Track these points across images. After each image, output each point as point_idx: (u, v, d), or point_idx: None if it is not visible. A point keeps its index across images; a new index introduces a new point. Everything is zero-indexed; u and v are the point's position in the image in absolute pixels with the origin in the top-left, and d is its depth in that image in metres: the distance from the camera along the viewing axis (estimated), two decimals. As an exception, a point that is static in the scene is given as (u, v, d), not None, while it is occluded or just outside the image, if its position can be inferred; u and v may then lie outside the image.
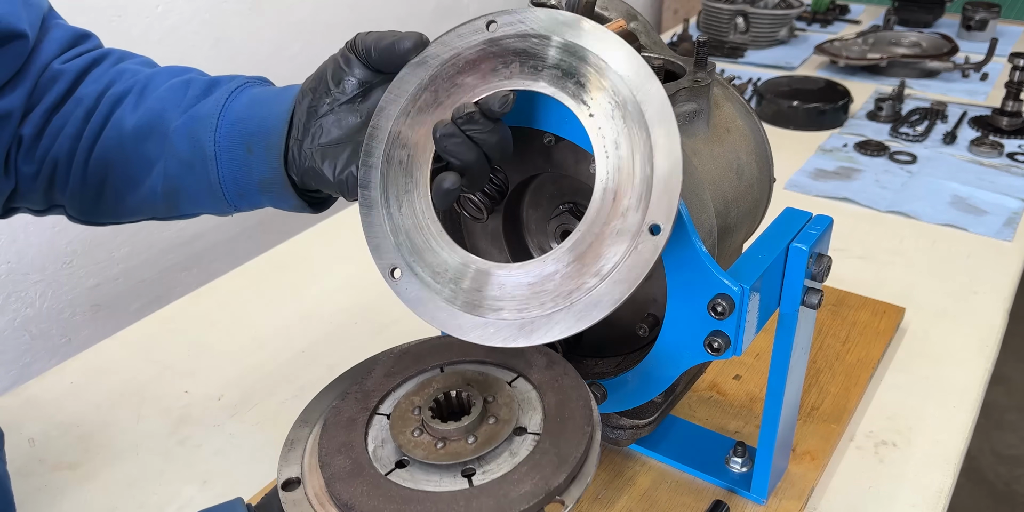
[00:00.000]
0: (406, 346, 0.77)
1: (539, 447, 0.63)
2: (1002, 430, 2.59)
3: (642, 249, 0.60)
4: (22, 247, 1.40)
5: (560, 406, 0.66)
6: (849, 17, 2.70)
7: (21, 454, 1.03)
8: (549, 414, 0.66)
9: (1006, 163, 1.73)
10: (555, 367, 0.70)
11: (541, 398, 0.67)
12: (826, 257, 0.77)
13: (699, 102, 0.82)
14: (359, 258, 0.81)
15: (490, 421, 0.65)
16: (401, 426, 0.66)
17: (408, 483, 0.62)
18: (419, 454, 0.63)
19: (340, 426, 0.68)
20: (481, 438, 0.63)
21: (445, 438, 0.64)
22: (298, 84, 0.79)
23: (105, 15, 1.36)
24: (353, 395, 0.71)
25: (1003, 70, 2.04)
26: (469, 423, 0.64)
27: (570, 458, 0.61)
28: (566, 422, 0.64)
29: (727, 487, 0.94)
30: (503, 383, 0.69)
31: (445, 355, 0.73)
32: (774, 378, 0.83)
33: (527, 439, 0.64)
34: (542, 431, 0.64)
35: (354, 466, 0.63)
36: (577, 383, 0.68)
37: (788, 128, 1.90)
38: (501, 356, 0.72)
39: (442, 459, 0.62)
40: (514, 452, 0.63)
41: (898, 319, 1.21)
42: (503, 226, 0.92)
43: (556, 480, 0.59)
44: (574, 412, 0.65)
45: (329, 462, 0.64)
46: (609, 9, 0.87)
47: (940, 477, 0.97)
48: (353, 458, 0.64)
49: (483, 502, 0.59)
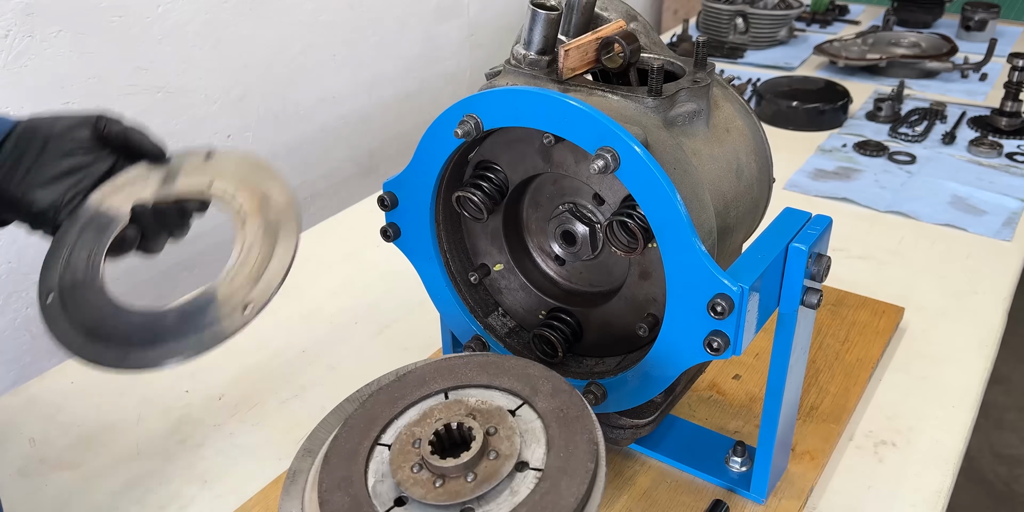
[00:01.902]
0: (411, 367, 0.76)
1: (539, 486, 0.61)
2: (1001, 430, 2.59)
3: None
4: (22, 247, 1.40)
5: (564, 440, 0.64)
6: (848, 17, 2.70)
7: (21, 454, 1.03)
8: (553, 447, 0.64)
9: (1005, 163, 1.73)
10: (560, 395, 0.68)
11: (545, 429, 0.66)
12: (825, 257, 0.77)
13: (699, 102, 0.82)
14: (359, 258, 0.81)
15: (491, 456, 0.63)
16: (400, 461, 0.65)
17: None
18: (418, 493, 0.62)
19: (341, 458, 0.67)
20: (481, 476, 0.62)
21: (444, 475, 0.63)
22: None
23: (105, 15, 1.36)
24: (356, 423, 0.70)
25: (1002, 70, 2.04)
26: (469, 460, 0.62)
27: (571, 499, 0.60)
28: (570, 458, 0.63)
29: (727, 486, 0.94)
30: (506, 413, 0.67)
31: (449, 378, 0.72)
32: (774, 378, 0.83)
33: (528, 475, 0.63)
34: (544, 467, 0.63)
35: (352, 504, 0.62)
36: (583, 413, 0.66)
37: (787, 128, 1.90)
38: (506, 381, 0.71)
39: (440, 499, 0.61)
40: (514, 491, 0.62)
41: (897, 319, 1.21)
42: (503, 226, 0.92)
43: None
44: (578, 447, 0.63)
45: (328, 499, 0.63)
46: (609, 9, 0.87)
47: (939, 477, 0.97)
48: (352, 495, 0.63)
49: None
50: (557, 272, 0.95)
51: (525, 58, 0.83)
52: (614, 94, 0.81)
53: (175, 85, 1.51)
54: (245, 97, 1.65)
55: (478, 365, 0.72)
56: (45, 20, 1.28)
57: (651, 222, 0.74)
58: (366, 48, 1.92)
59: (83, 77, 1.35)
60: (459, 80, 2.25)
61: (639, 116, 0.79)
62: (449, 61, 2.19)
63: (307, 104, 1.81)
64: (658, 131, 0.79)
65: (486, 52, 2.31)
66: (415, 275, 0.96)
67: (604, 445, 0.64)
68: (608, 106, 0.79)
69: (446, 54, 2.17)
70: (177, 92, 1.52)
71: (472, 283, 0.95)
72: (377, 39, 1.95)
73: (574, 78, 0.82)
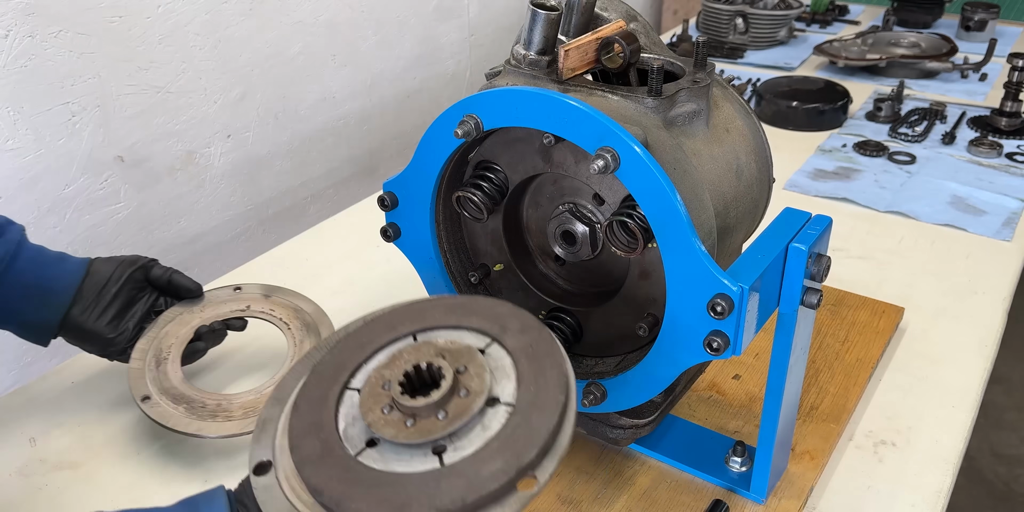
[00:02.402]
0: (378, 312, 0.74)
1: (511, 420, 0.61)
2: (1001, 430, 2.59)
3: None
4: (22, 247, 1.40)
5: (534, 375, 0.63)
6: (848, 18, 2.70)
7: (21, 454, 1.03)
8: (523, 382, 0.63)
9: (1005, 163, 1.73)
10: (529, 332, 0.67)
11: (515, 365, 0.65)
12: (825, 257, 0.77)
13: (698, 102, 0.82)
14: (359, 258, 0.81)
15: (461, 394, 0.63)
16: (371, 403, 0.64)
17: (378, 464, 0.61)
18: (389, 433, 0.61)
19: (311, 404, 0.66)
20: (452, 413, 0.61)
21: (415, 414, 0.62)
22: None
23: (105, 16, 1.36)
24: (324, 369, 0.69)
25: (1002, 70, 2.04)
26: (439, 398, 0.62)
27: (543, 431, 0.59)
28: (540, 392, 0.62)
29: (727, 486, 0.94)
30: (475, 351, 0.66)
31: (417, 321, 0.71)
32: (773, 378, 0.83)
33: (500, 411, 0.62)
34: (515, 402, 0.62)
35: (323, 448, 0.62)
36: (551, 348, 0.65)
37: (787, 128, 1.90)
38: (475, 320, 0.69)
39: (412, 438, 0.60)
40: (486, 426, 0.61)
41: (897, 319, 1.21)
42: (503, 226, 0.92)
43: (528, 455, 0.58)
44: (548, 381, 0.62)
45: (299, 444, 0.63)
46: (609, 10, 0.87)
47: (939, 477, 0.97)
48: (323, 439, 0.62)
49: (453, 482, 0.57)
50: (557, 272, 0.95)
51: (525, 58, 0.83)
52: (614, 94, 0.81)
53: (175, 85, 1.51)
54: (245, 97, 1.65)
55: (446, 307, 0.71)
56: (45, 20, 1.28)
57: (651, 222, 0.74)
58: (366, 48, 1.92)
59: (83, 77, 1.35)
60: (459, 80, 2.25)
61: (639, 116, 0.79)
62: (449, 61, 2.19)
63: (307, 104, 1.81)
64: (658, 131, 0.79)
65: (486, 52, 2.31)
66: (415, 275, 0.96)
67: (574, 378, 0.64)
68: (608, 106, 0.79)
69: (446, 54, 2.17)
70: (177, 92, 1.52)
71: (472, 283, 0.95)
72: (377, 39, 1.95)
73: (574, 78, 0.82)
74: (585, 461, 0.98)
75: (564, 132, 0.76)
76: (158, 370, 1.04)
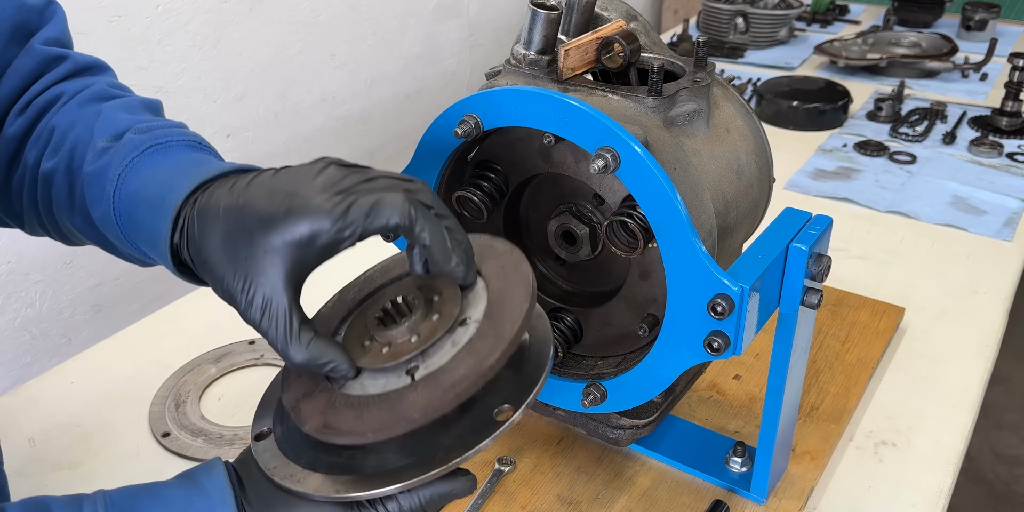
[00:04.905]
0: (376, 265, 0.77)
1: (479, 331, 0.62)
2: (1002, 430, 2.59)
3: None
4: (22, 247, 1.40)
5: (502, 289, 0.64)
6: (849, 17, 2.70)
7: (21, 454, 1.03)
8: (492, 299, 0.64)
9: (1006, 163, 1.73)
10: (503, 256, 0.68)
11: (487, 286, 0.66)
12: (826, 257, 0.77)
13: (699, 102, 0.82)
14: (359, 258, 0.81)
15: (434, 317, 0.64)
16: (353, 340, 0.66)
17: (357, 391, 0.62)
18: (366, 362, 0.63)
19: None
20: (423, 335, 0.63)
21: (390, 342, 0.63)
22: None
23: (105, 15, 1.36)
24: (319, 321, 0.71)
25: (1003, 70, 2.04)
26: (411, 323, 0.63)
27: (506, 334, 0.60)
28: (505, 303, 0.63)
29: (727, 487, 0.94)
30: (450, 281, 0.67)
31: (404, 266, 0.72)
32: (774, 378, 0.83)
33: (470, 327, 0.63)
34: (483, 316, 0.63)
35: (310, 387, 0.64)
36: (517, 261, 0.66)
37: (788, 128, 1.90)
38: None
39: (387, 361, 0.62)
40: (456, 342, 0.62)
41: (898, 319, 1.21)
42: (503, 226, 0.92)
43: (491, 358, 0.59)
44: (515, 291, 0.63)
45: (289, 387, 0.65)
46: (609, 9, 0.87)
47: (940, 477, 0.97)
48: (311, 381, 0.65)
49: (418, 395, 0.59)
50: (557, 272, 0.94)
51: (525, 58, 0.83)
52: (614, 94, 0.81)
53: (175, 85, 1.51)
54: (245, 97, 1.65)
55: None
56: (45, 20, 1.28)
57: (651, 222, 0.74)
58: (366, 48, 1.92)
59: (83, 77, 1.35)
60: (459, 80, 2.25)
61: (639, 116, 0.79)
62: (449, 61, 2.19)
63: (307, 104, 1.81)
64: (658, 131, 0.79)
65: (486, 52, 2.31)
66: (415, 275, 0.96)
67: (535, 286, 0.64)
68: (608, 106, 0.79)
69: (446, 54, 2.17)
70: (177, 92, 1.52)
71: (472, 283, 0.95)
72: (377, 39, 1.95)
73: (574, 78, 0.82)
74: (585, 461, 0.98)
75: (564, 132, 0.76)
76: (177, 411, 1.09)
